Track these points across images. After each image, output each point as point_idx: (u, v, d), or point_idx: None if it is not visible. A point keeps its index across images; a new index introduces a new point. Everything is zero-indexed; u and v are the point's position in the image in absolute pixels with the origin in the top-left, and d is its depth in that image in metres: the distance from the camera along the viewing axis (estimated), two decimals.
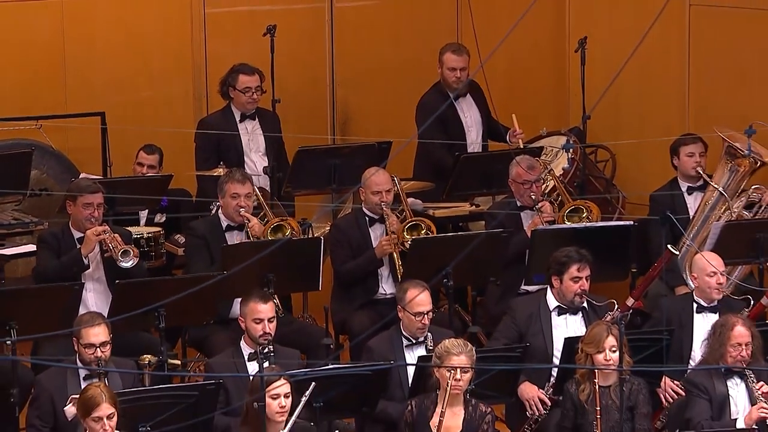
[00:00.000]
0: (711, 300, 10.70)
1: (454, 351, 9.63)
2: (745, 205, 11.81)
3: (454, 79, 12.82)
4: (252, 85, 12.63)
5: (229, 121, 12.74)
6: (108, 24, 13.15)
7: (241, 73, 12.63)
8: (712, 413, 9.89)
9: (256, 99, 12.68)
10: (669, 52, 12.98)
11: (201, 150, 12.74)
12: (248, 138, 12.74)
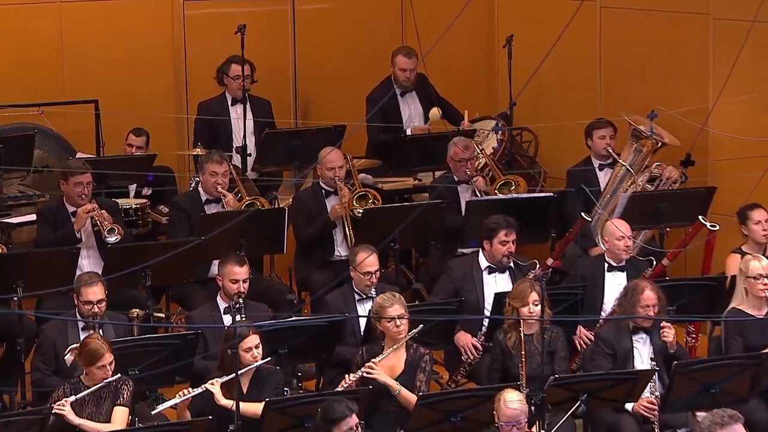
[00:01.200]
0: (619, 260, 10.78)
1: (386, 304, 9.71)
2: (648, 179, 11.85)
3: (404, 78, 12.87)
4: (240, 74, 12.62)
5: (223, 105, 12.75)
6: (101, 24, 13.13)
7: (233, 63, 12.67)
8: (614, 366, 9.91)
9: (244, 86, 12.67)
10: (583, 48, 13.02)
11: (198, 129, 12.77)
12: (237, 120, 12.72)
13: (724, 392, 9.40)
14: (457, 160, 11.91)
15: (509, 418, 8.88)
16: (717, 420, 8.39)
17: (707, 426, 8.42)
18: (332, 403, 8.78)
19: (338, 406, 8.71)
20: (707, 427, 8.42)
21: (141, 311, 10.59)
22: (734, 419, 8.37)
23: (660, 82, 12.64)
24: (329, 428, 8.65)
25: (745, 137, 11.44)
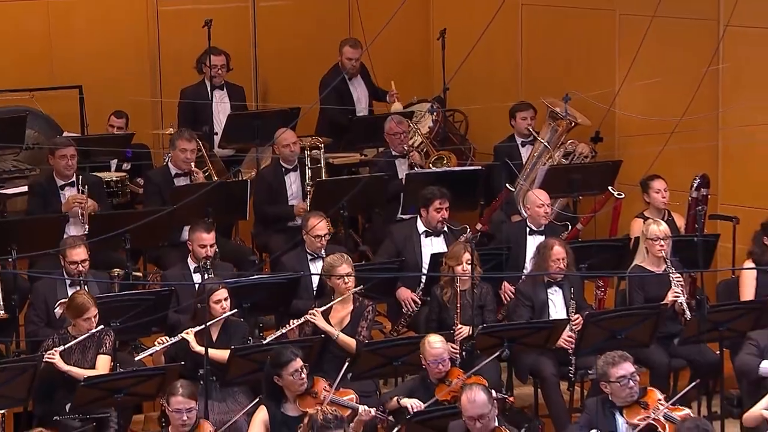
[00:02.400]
0: (539, 225, 10.82)
1: (336, 263, 9.75)
2: (563, 154, 11.92)
3: (350, 66, 12.84)
4: (219, 63, 12.58)
5: (202, 91, 12.69)
6: (84, 19, 13.05)
7: (212, 54, 12.58)
8: (532, 315, 10.00)
9: (223, 74, 12.64)
10: (507, 40, 13.05)
11: (182, 112, 12.69)
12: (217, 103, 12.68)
13: (628, 338, 9.50)
14: (392, 134, 11.97)
15: (434, 357, 8.95)
16: (610, 360, 8.52)
17: (602, 366, 8.56)
18: (280, 350, 8.83)
19: (284, 352, 8.75)
20: (602, 367, 8.56)
21: (121, 271, 10.55)
22: (624, 358, 8.51)
23: (573, 69, 12.71)
24: (278, 372, 8.69)
25: (646, 117, 11.52)
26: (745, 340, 9.31)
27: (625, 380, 8.43)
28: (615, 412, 8.49)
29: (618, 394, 8.46)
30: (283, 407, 8.69)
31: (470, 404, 8.14)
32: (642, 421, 8.35)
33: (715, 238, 10.84)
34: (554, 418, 9.69)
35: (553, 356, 9.80)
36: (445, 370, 8.99)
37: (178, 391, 8.28)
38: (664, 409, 8.38)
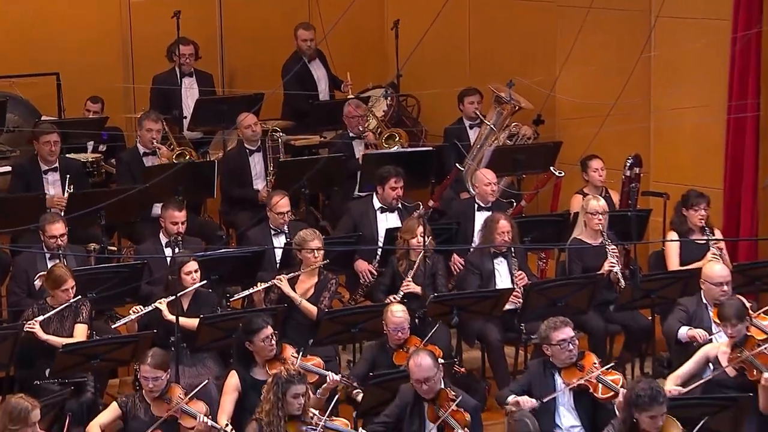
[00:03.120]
0: (486, 202, 10.84)
1: (309, 238, 9.75)
2: (508, 136, 11.92)
3: (306, 47, 12.82)
4: (187, 52, 12.53)
5: (172, 78, 12.62)
6: (62, 10, 12.98)
7: (181, 44, 12.52)
8: (481, 284, 10.02)
9: (191, 62, 12.57)
10: (455, 30, 13.03)
11: (154, 97, 12.62)
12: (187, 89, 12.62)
13: (568, 305, 9.57)
14: (350, 117, 12.00)
15: (395, 325, 8.97)
16: (551, 325, 8.57)
17: (544, 330, 8.61)
18: (251, 318, 8.83)
19: (256, 320, 8.74)
20: (544, 331, 8.60)
21: (97, 245, 10.52)
22: (564, 323, 8.56)
23: (516, 57, 12.72)
24: (250, 338, 8.68)
25: (584, 101, 11.54)
26: (675, 306, 9.37)
27: (565, 344, 8.48)
28: (554, 372, 8.54)
29: (558, 356, 8.51)
30: (252, 372, 8.68)
31: (417, 368, 8.18)
32: (577, 382, 8.40)
33: (647, 213, 10.91)
34: (498, 380, 9.74)
35: (499, 323, 9.83)
36: (404, 338, 9.01)
37: (147, 360, 8.26)
38: (597, 373, 8.43)
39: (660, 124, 11.68)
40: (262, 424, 7.81)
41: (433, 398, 8.21)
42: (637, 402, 7.58)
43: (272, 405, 7.78)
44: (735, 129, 10.94)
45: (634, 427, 7.62)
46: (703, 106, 11.10)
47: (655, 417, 7.55)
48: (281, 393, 7.78)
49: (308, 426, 7.78)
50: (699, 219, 10.21)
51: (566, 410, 8.47)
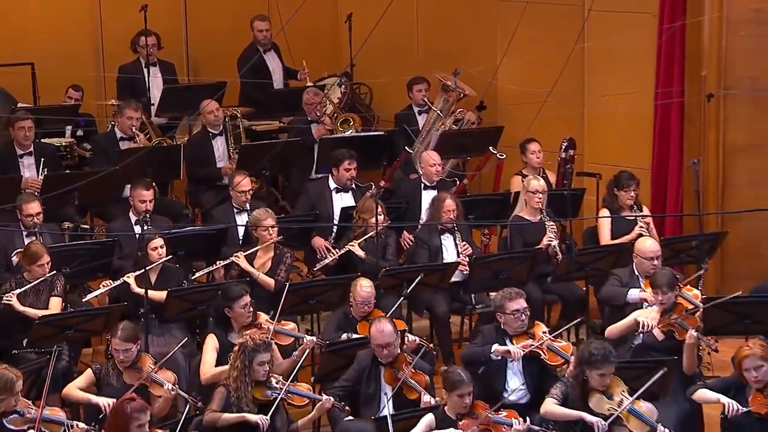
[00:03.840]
0: (432, 182, 10.82)
1: (262, 217, 9.72)
2: (454, 121, 11.93)
3: (262, 37, 12.75)
4: (150, 43, 12.40)
5: (137, 68, 12.50)
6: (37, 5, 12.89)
7: (143, 35, 12.41)
8: (429, 258, 10.03)
9: (153, 53, 12.45)
10: (405, 23, 12.97)
11: (120, 87, 12.50)
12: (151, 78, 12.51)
13: (509, 277, 9.58)
14: (309, 104, 11.94)
15: (363, 298, 8.97)
16: (506, 295, 8.58)
17: (499, 300, 8.62)
18: (231, 286, 8.85)
19: (235, 287, 8.77)
20: (499, 301, 8.61)
21: (71, 223, 10.44)
22: (519, 295, 8.59)
23: (461, 47, 12.69)
24: (229, 304, 8.68)
25: (523, 88, 11.55)
26: (609, 276, 9.40)
27: (518, 313, 8.51)
28: (506, 339, 8.55)
29: (511, 324, 8.53)
30: (230, 336, 8.68)
31: (379, 334, 8.22)
32: (528, 348, 8.42)
33: (582, 192, 10.95)
34: (443, 348, 9.77)
35: (446, 294, 9.84)
36: (369, 311, 9.00)
37: (118, 334, 8.22)
38: (546, 340, 8.46)
39: (593, 110, 11.70)
40: (230, 390, 7.81)
41: (391, 362, 8.22)
42: (590, 360, 7.65)
43: (239, 372, 7.81)
44: (661, 114, 11.01)
45: (584, 384, 7.68)
46: (632, 93, 11.12)
47: (605, 375, 7.64)
48: (248, 361, 7.80)
49: (272, 390, 7.77)
50: (629, 199, 10.27)
51: (513, 373, 8.49)
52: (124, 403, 7.32)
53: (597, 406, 7.62)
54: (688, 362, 8.38)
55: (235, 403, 7.76)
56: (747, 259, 10.55)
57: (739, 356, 7.72)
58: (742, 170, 10.70)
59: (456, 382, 7.61)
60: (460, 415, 7.58)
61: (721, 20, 10.50)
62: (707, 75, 10.65)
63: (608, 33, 11.42)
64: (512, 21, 10.99)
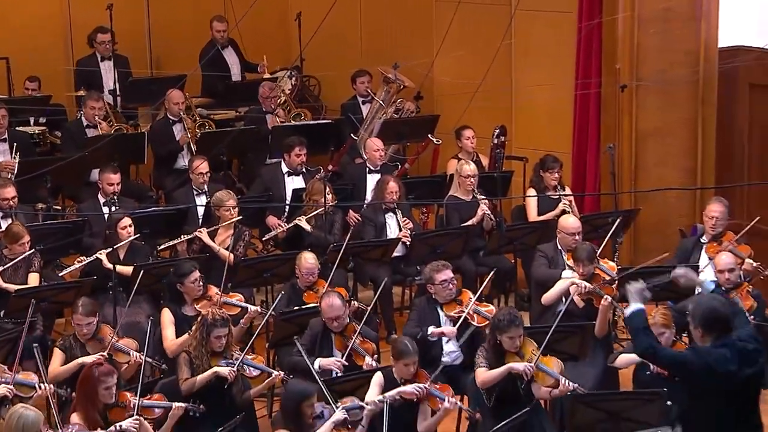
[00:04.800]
0: (376, 165, 10.78)
1: (225, 198, 9.66)
2: (395, 111, 11.90)
3: (220, 37, 12.65)
4: (105, 39, 12.27)
5: (93, 61, 12.34)
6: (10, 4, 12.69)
7: (99, 32, 12.27)
8: (375, 234, 10.02)
9: (109, 48, 12.30)
10: (349, 20, 12.93)
11: (78, 77, 12.36)
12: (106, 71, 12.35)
13: (445, 252, 9.58)
14: (265, 97, 11.84)
15: (307, 269, 8.93)
16: (434, 268, 8.59)
17: (428, 272, 8.62)
18: (181, 263, 8.82)
19: (186, 264, 8.73)
20: (428, 273, 8.62)
21: (44, 204, 10.31)
22: (445, 266, 8.60)
23: (400, 43, 12.66)
24: (180, 280, 8.63)
25: (456, 80, 11.58)
26: (536, 252, 9.42)
27: (446, 283, 8.51)
28: (437, 307, 8.57)
29: (440, 293, 8.54)
30: (183, 309, 8.63)
31: (329, 308, 8.19)
32: (457, 314, 8.45)
33: (510, 174, 10.97)
34: (385, 316, 9.79)
35: (389, 267, 9.83)
36: (313, 280, 8.96)
37: (78, 310, 8.10)
38: (473, 305, 8.49)
39: (519, 100, 11.75)
40: (191, 357, 7.77)
41: (341, 331, 8.22)
42: (498, 325, 7.67)
43: (198, 342, 7.78)
44: (581, 103, 11.05)
45: (498, 348, 7.69)
46: (554, 84, 11.17)
47: (513, 337, 7.64)
48: (206, 333, 7.76)
49: (227, 360, 7.74)
50: (553, 180, 10.31)
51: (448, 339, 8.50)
52: (92, 367, 7.25)
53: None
54: (600, 326, 8.47)
55: (196, 370, 7.70)
56: (657, 234, 10.65)
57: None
58: (652, 153, 10.78)
59: (402, 352, 7.61)
60: (404, 380, 7.59)
61: (633, 19, 10.56)
62: (621, 68, 10.71)
63: (532, 30, 11.46)
64: (446, 19, 10.98)
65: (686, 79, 10.50)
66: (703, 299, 6.66)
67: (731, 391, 6.18)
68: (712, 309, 6.23)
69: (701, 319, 6.21)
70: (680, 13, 10.47)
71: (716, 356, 6.15)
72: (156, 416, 7.34)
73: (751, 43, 10.38)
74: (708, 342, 6.19)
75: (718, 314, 6.19)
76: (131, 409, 7.14)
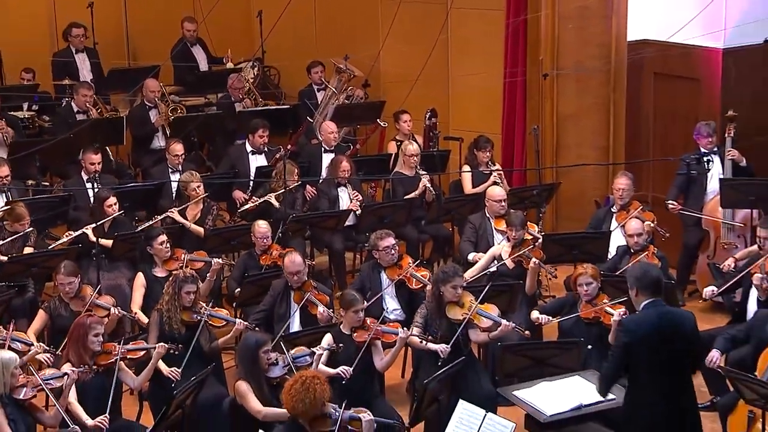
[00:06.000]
0: (330, 146, 10.70)
1: (188, 179, 9.60)
2: (346, 97, 11.83)
3: (189, 35, 12.52)
4: (79, 33, 12.07)
5: (68, 54, 12.15)
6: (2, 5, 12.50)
7: (74, 27, 12.07)
8: (329, 206, 9.96)
9: (82, 41, 12.10)
10: (306, 15, 12.86)
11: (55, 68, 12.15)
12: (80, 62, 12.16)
13: (391, 221, 9.57)
14: (234, 88, 11.75)
15: (261, 234, 8.91)
16: (378, 236, 8.60)
17: (373, 239, 8.62)
18: (150, 228, 8.85)
19: (154, 229, 8.75)
20: (373, 241, 8.62)
21: (34, 181, 10.22)
22: (388, 234, 8.59)
23: (350, 37, 12.55)
24: (150, 243, 8.62)
25: (399, 70, 11.57)
26: (465, 224, 9.43)
27: (389, 249, 8.51)
28: (380, 271, 8.56)
29: (384, 258, 8.54)
30: (153, 270, 8.57)
31: (291, 263, 8.18)
32: (398, 276, 8.44)
33: (448, 153, 10.96)
34: (338, 278, 9.80)
35: (342, 235, 9.82)
36: (268, 244, 8.92)
37: (61, 271, 8.03)
38: (411, 269, 8.49)
39: (455, 87, 11.74)
40: (163, 312, 7.73)
41: (300, 286, 8.19)
42: (442, 277, 7.68)
43: (170, 297, 7.73)
44: (509, 90, 11.06)
45: (440, 299, 7.69)
46: (485, 73, 11.18)
47: (456, 286, 7.64)
48: (177, 289, 7.71)
49: (197, 313, 7.71)
50: (485, 157, 10.32)
51: (390, 298, 8.51)
52: (84, 317, 7.23)
53: (452, 314, 7.65)
54: (530, 285, 8.52)
55: (167, 323, 7.66)
56: (575, 204, 10.73)
57: (575, 274, 7.85)
58: (570, 134, 10.84)
59: (351, 301, 7.61)
60: (354, 328, 7.57)
61: (554, 16, 10.58)
62: (543, 59, 10.73)
63: (466, 26, 11.45)
64: (390, 16, 10.95)
65: (600, 69, 10.56)
66: (639, 264, 6.77)
67: (665, 359, 6.12)
68: (645, 272, 6.27)
69: (636, 281, 6.24)
70: (594, 11, 10.51)
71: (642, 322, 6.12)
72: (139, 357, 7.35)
73: (655, 37, 10.45)
74: (642, 300, 6.19)
75: (650, 276, 6.20)
76: (116, 353, 7.09)
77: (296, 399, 6.19)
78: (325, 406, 6.27)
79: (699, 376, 7.55)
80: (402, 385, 8.37)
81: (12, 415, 6.42)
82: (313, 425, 6.27)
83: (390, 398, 7.82)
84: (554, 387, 6.97)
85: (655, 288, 6.19)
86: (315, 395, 6.19)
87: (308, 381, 6.22)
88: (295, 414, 6.25)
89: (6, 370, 6.45)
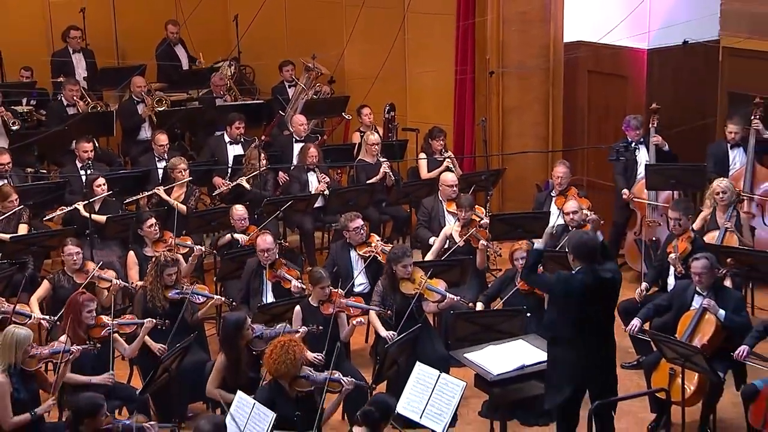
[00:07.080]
0: (301, 137, 10.60)
1: (177, 163, 9.51)
2: (314, 93, 11.74)
3: (172, 36, 12.35)
4: (77, 35, 11.89)
5: (66, 54, 11.94)
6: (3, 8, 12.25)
7: (72, 29, 11.89)
8: (300, 190, 9.88)
9: (80, 43, 11.93)
10: (277, 19, 12.68)
11: (54, 66, 11.93)
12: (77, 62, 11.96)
13: (356, 205, 9.53)
14: (216, 85, 11.64)
15: (239, 216, 8.88)
16: (348, 217, 8.58)
17: (344, 221, 8.60)
18: (141, 212, 8.82)
19: (145, 213, 8.70)
20: (343, 222, 8.59)
21: (32, 169, 10.06)
22: (357, 216, 8.58)
23: (317, 38, 12.41)
24: (140, 225, 8.59)
25: (361, 68, 11.51)
26: (420, 208, 9.42)
27: (358, 229, 8.50)
28: (350, 249, 8.54)
29: (353, 238, 8.52)
30: (144, 250, 8.52)
31: (262, 242, 8.17)
32: (366, 253, 8.44)
33: (405, 142, 10.96)
34: (308, 255, 9.76)
35: (312, 216, 9.77)
36: (245, 225, 8.88)
37: (67, 243, 8.04)
38: (381, 246, 8.49)
39: (412, 83, 11.71)
40: (147, 290, 7.69)
41: (271, 264, 8.14)
42: (393, 257, 7.69)
43: (153, 278, 7.71)
44: (459, 86, 11.06)
45: (393, 277, 7.69)
46: (438, 71, 11.17)
47: (406, 265, 7.64)
48: (159, 270, 7.69)
49: (180, 292, 7.65)
50: (439, 146, 10.32)
51: (358, 272, 8.48)
52: (77, 295, 7.20)
53: (405, 289, 7.68)
54: (479, 261, 8.58)
55: (150, 300, 7.61)
56: (518, 188, 10.78)
57: (512, 250, 7.93)
58: (514, 125, 10.87)
59: (318, 278, 7.59)
60: (321, 301, 7.56)
61: (498, 20, 10.59)
62: (490, 58, 10.74)
63: (421, 28, 11.43)
64: (353, 19, 10.93)
65: (540, 67, 10.59)
66: (577, 233, 6.82)
67: (587, 316, 6.19)
68: (581, 240, 6.31)
69: (573, 248, 6.30)
70: (534, 16, 10.55)
71: (574, 281, 6.22)
72: (129, 331, 7.31)
73: (588, 39, 10.51)
74: (578, 265, 6.26)
75: (585, 245, 6.26)
76: (109, 327, 7.07)
77: (278, 361, 6.28)
78: (303, 369, 6.27)
79: (627, 339, 7.66)
80: (366, 350, 8.40)
81: (16, 384, 6.38)
82: (292, 385, 6.32)
83: (355, 361, 7.84)
84: (500, 350, 7.04)
85: (588, 257, 6.23)
86: (295, 356, 6.29)
87: (287, 344, 6.35)
88: (278, 375, 6.34)
89: (20, 347, 6.39)
